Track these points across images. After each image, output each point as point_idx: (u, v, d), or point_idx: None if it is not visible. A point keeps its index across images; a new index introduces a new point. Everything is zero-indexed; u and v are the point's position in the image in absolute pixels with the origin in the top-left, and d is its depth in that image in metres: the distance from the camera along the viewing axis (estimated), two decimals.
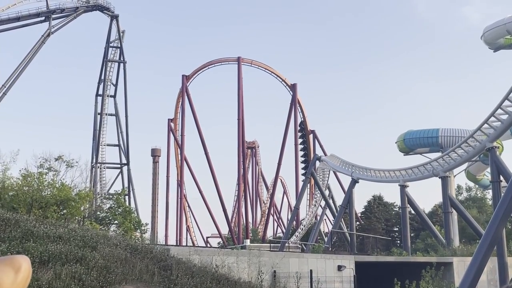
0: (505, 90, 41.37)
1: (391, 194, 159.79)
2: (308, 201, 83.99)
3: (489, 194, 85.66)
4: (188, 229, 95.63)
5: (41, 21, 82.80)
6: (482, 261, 32.31)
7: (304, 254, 40.17)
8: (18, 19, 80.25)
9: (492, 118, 43.52)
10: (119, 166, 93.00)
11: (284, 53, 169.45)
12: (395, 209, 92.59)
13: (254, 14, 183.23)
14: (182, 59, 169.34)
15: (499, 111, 42.36)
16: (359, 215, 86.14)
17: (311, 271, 36.15)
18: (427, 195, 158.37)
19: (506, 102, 41.29)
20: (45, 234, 22.94)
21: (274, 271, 34.33)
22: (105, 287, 20.04)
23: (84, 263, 21.01)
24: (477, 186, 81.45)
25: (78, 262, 21.07)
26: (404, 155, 67.57)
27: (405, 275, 35.45)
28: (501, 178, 43.67)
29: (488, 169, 60.00)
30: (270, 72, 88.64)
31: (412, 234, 65.37)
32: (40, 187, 36.91)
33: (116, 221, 47.04)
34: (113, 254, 22.64)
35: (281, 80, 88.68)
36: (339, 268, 38.39)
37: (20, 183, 36.83)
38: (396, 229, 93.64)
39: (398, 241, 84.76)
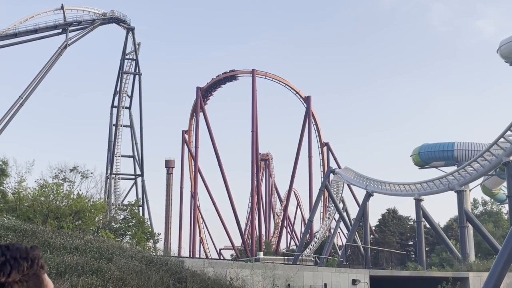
0: None
1: (405, 208, 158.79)
2: (322, 213, 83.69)
3: (505, 208, 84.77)
4: (201, 241, 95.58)
5: (58, 33, 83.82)
6: (499, 276, 31.94)
7: (318, 268, 39.97)
8: (35, 31, 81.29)
9: (509, 132, 43.22)
10: (133, 177, 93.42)
11: (299, 66, 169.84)
12: (409, 222, 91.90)
13: (268, 27, 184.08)
14: (196, 71, 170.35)
15: None
16: (373, 228, 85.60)
17: (325, 284, 35.95)
18: (442, 209, 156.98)
19: None
20: (62, 245, 23.07)
21: (288, 285, 34.18)
22: None
23: (100, 275, 21.06)
24: (493, 200, 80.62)
25: (94, 273, 21.11)
26: (419, 168, 67.22)
27: None
28: None
29: (505, 183, 59.47)
30: (284, 85, 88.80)
31: (427, 248, 64.80)
32: (57, 197, 37.17)
33: (129, 232, 47.27)
34: (128, 266, 22.68)
35: (295, 93, 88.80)
36: (354, 282, 38.12)
37: (37, 193, 37.11)
38: (410, 243, 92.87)
39: (413, 255, 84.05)
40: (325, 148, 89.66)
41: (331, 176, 73.07)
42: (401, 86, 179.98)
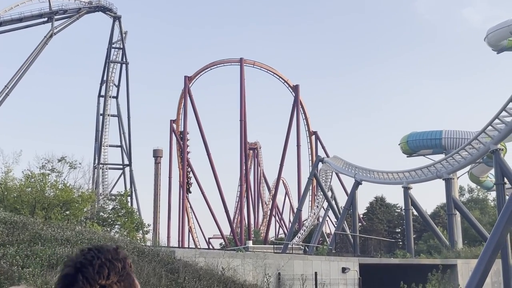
0: (508, 91, 41.45)
1: (393, 195, 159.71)
2: (310, 202, 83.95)
3: (491, 195, 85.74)
4: (190, 230, 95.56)
5: (43, 22, 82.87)
6: (488, 264, 32.32)
7: (308, 256, 40.16)
8: (20, 20, 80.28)
9: (497, 121, 43.53)
10: (121, 167, 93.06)
11: (287, 55, 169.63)
12: (397, 210, 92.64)
13: (256, 15, 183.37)
14: (184, 60, 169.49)
15: (504, 113, 42.38)
16: (361, 216, 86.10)
17: (315, 273, 36.15)
18: (428, 196, 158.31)
19: (511, 104, 41.28)
20: (53, 237, 22.95)
21: (279, 273, 34.33)
22: None
23: None
24: (479, 187, 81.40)
25: None
26: (407, 156, 67.60)
27: (409, 277, 35.44)
28: (505, 180, 43.66)
29: (491, 171, 60.02)
30: (272, 73, 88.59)
31: (414, 236, 65.28)
32: (43, 188, 36.93)
33: (119, 222, 47.19)
34: None
35: (283, 81, 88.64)
36: (343, 270, 38.38)
37: (23, 184, 36.86)
38: (398, 230, 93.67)
39: (400, 242, 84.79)
40: (313, 137, 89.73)
41: (320, 165, 73.26)
42: (389, 74, 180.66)
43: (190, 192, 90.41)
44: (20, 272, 19.06)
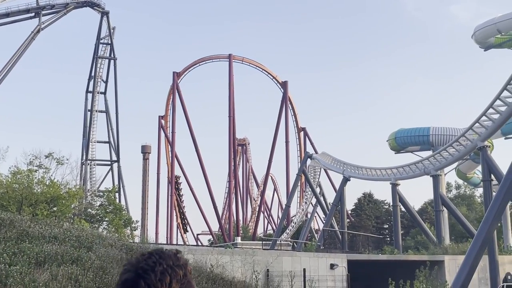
0: (495, 89, 41.73)
1: (381, 192, 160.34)
2: (298, 198, 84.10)
3: (478, 191, 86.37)
4: (178, 227, 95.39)
5: (31, 17, 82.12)
6: (475, 260, 32.57)
7: (297, 253, 40.22)
8: (7, 15, 79.49)
9: (484, 118, 43.79)
10: (109, 163, 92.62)
11: (276, 51, 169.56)
12: (385, 206, 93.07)
13: (245, 12, 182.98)
14: (173, 56, 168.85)
15: (491, 110, 42.63)
16: (349, 212, 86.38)
17: (304, 270, 36.23)
18: (416, 193, 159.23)
19: (498, 102, 41.55)
20: (40, 234, 22.80)
21: (268, 270, 34.38)
22: None
23: (80, 264, 20.90)
24: (466, 183, 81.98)
25: (74, 263, 20.95)
26: (395, 153, 67.88)
27: (396, 273, 35.57)
28: (492, 177, 43.96)
29: (478, 167, 60.43)
30: (261, 70, 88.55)
31: (402, 232, 65.69)
32: (30, 184, 36.70)
33: (107, 218, 47.05)
34: (108, 255, 22.55)
35: (272, 78, 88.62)
36: (332, 266, 38.50)
37: (10, 180, 36.60)
38: (386, 226, 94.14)
39: (388, 238, 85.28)
40: (302, 133, 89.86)
41: (308, 161, 73.38)
42: (377, 71, 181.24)
43: (181, 198, 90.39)
44: (7, 270, 18.93)
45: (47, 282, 19.04)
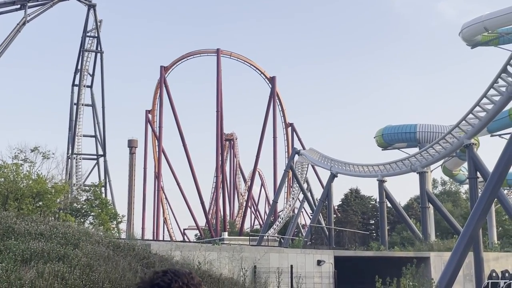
0: (482, 87, 41.91)
1: (367, 188, 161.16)
2: (286, 194, 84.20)
3: (463, 188, 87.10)
4: (165, 221, 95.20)
5: (16, 9, 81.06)
6: (461, 257, 32.82)
7: (284, 249, 40.27)
8: None
9: (470, 115, 44.03)
10: (95, 157, 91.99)
11: (264, 46, 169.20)
12: (371, 202, 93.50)
13: (233, 6, 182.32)
14: (160, 50, 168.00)
15: (477, 108, 42.86)
16: (336, 208, 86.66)
17: (291, 266, 36.29)
18: (402, 189, 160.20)
19: (485, 100, 41.80)
20: (26, 231, 22.58)
21: (255, 267, 34.38)
22: (88, 285, 19.78)
23: (67, 261, 20.72)
24: (451, 180, 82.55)
25: (60, 260, 20.76)
26: (382, 149, 68.10)
27: (383, 269, 35.76)
28: (478, 174, 44.26)
29: (464, 164, 60.83)
30: (249, 65, 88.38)
31: (387, 227, 66.02)
32: (16, 178, 36.35)
33: (93, 213, 46.77)
34: (95, 252, 22.39)
35: (260, 73, 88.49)
36: (319, 262, 38.62)
37: None
38: (372, 222, 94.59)
39: (374, 234, 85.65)
40: (289, 129, 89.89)
41: (296, 157, 73.44)
42: (364, 67, 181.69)
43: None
44: None
45: (33, 279, 18.85)
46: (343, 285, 40.23)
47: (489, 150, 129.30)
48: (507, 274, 38.81)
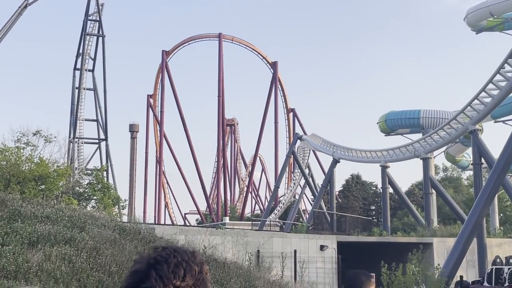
0: (487, 72, 41.68)
1: (369, 173, 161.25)
2: (287, 179, 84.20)
3: (465, 174, 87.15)
4: (166, 206, 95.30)
5: None
6: (466, 243, 32.81)
7: (287, 234, 40.27)
8: None
9: (476, 101, 43.81)
10: (97, 141, 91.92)
11: (266, 31, 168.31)
12: (372, 188, 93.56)
13: None
14: (162, 35, 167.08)
15: (483, 94, 42.64)
16: (337, 193, 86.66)
17: (295, 251, 36.27)
18: (403, 174, 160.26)
19: (490, 85, 41.56)
20: (33, 214, 22.48)
21: (258, 251, 34.37)
22: (95, 269, 19.71)
23: (74, 244, 20.64)
24: (453, 166, 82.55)
25: (67, 243, 20.68)
26: (385, 135, 68.00)
27: (385, 255, 35.69)
28: (482, 160, 44.17)
29: (467, 151, 60.80)
30: (251, 49, 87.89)
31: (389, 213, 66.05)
32: (18, 162, 36.23)
33: (95, 197, 46.82)
34: (102, 235, 22.30)
35: (262, 58, 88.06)
36: (322, 248, 38.61)
37: None
38: (373, 207, 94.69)
39: (375, 220, 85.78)
40: (291, 114, 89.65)
41: (298, 142, 73.29)
42: (367, 52, 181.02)
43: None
44: (0, 250, 18.64)
45: (40, 262, 18.79)
46: (345, 270, 40.24)
47: (492, 136, 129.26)
48: (511, 260, 38.79)
